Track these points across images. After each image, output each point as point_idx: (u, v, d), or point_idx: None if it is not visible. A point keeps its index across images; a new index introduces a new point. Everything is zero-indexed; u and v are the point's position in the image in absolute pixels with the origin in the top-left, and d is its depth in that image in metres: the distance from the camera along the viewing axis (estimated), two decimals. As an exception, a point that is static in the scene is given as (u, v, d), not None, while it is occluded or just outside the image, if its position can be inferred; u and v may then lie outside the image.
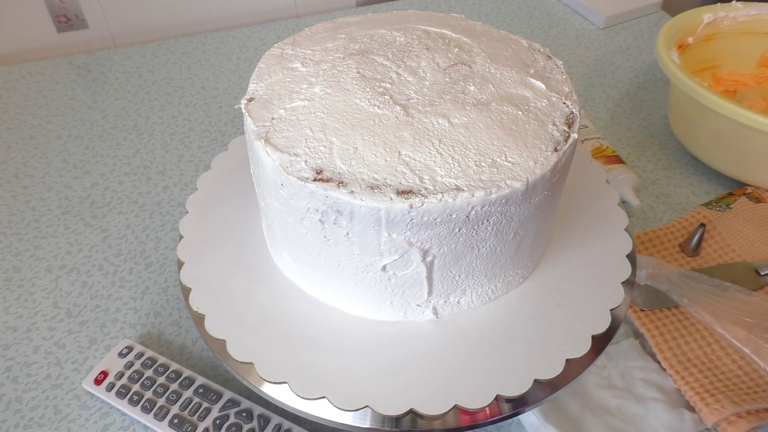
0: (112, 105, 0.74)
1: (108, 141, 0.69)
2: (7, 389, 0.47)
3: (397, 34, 0.44)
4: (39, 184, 0.64)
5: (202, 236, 0.44)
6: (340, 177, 0.33)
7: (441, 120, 0.36)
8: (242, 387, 0.45)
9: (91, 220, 0.60)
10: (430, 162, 0.34)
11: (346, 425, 0.36)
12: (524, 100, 0.39)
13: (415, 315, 0.39)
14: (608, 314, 0.39)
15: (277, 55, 0.43)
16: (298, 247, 0.38)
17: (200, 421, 0.42)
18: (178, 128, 0.71)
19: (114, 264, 0.56)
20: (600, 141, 0.65)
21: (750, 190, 0.62)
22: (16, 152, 0.68)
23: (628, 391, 0.46)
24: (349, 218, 0.33)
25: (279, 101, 0.39)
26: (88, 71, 0.79)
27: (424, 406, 0.35)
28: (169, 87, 0.77)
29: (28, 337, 0.50)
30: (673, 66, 0.60)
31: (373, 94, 0.38)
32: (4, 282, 0.54)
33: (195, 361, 0.49)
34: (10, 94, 0.75)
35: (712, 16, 0.69)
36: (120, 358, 0.46)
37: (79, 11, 0.83)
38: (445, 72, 0.40)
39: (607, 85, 0.78)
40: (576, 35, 0.87)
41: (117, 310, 0.52)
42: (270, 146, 0.35)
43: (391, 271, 0.36)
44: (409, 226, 0.33)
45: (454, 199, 0.32)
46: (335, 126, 0.36)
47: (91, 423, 0.45)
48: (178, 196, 0.63)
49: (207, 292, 0.41)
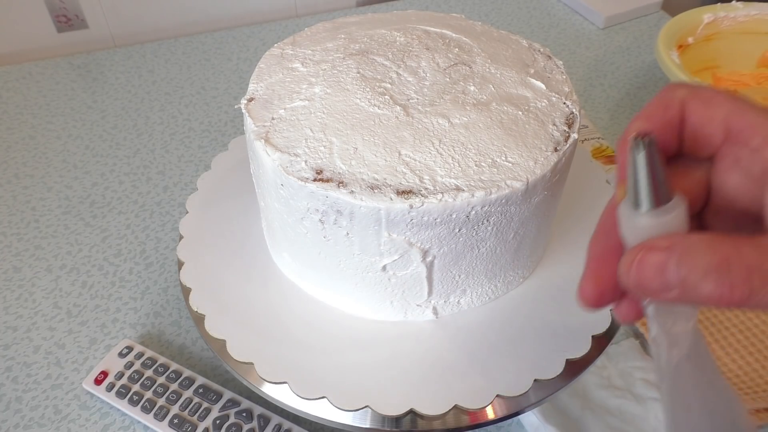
0: (112, 105, 0.74)
1: (108, 141, 0.69)
2: (7, 389, 0.47)
3: (397, 34, 0.44)
4: (39, 184, 0.64)
5: (202, 236, 0.44)
6: (340, 177, 0.33)
7: (441, 120, 0.36)
8: (242, 387, 0.45)
9: (91, 220, 0.60)
10: (430, 162, 0.34)
11: (346, 425, 0.36)
12: (524, 100, 0.39)
13: (415, 315, 0.39)
14: (608, 314, 0.39)
15: (277, 55, 0.43)
16: (298, 247, 0.38)
17: (200, 421, 0.42)
18: (178, 128, 0.71)
19: (114, 264, 0.56)
20: (600, 141, 0.65)
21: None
22: (16, 152, 0.68)
23: (628, 391, 0.46)
24: (349, 218, 0.33)
25: (279, 101, 0.39)
26: (88, 71, 0.79)
27: (424, 406, 0.35)
28: (169, 87, 0.77)
29: (28, 337, 0.50)
30: (673, 66, 0.60)
31: (373, 94, 0.38)
32: (4, 282, 0.54)
33: (195, 361, 0.49)
34: (10, 94, 0.75)
35: (712, 16, 0.69)
36: (120, 358, 0.46)
37: (79, 11, 0.83)
38: (445, 72, 0.40)
39: (607, 85, 0.78)
40: (576, 35, 0.87)
41: (117, 310, 0.52)
42: (270, 146, 0.35)
43: (391, 271, 0.36)
44: (409, 226, 0.33)
45: (454, 199, 0.32)
46: (335, 126, 0.36)
47: (91, 423, 0.45)
48: (178, 196, 0.63)
49: (207, 292, 0.41)
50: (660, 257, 0.20)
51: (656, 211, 0.21)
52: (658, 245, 0.20)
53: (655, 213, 0.21)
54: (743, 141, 0.22)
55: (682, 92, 0.23)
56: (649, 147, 0.21)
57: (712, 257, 0.19)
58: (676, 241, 0.20)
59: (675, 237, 0.20)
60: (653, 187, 0.21)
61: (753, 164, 0.22)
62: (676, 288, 0.20)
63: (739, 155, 0.22)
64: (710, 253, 0.19)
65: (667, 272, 0.20)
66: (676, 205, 0.21)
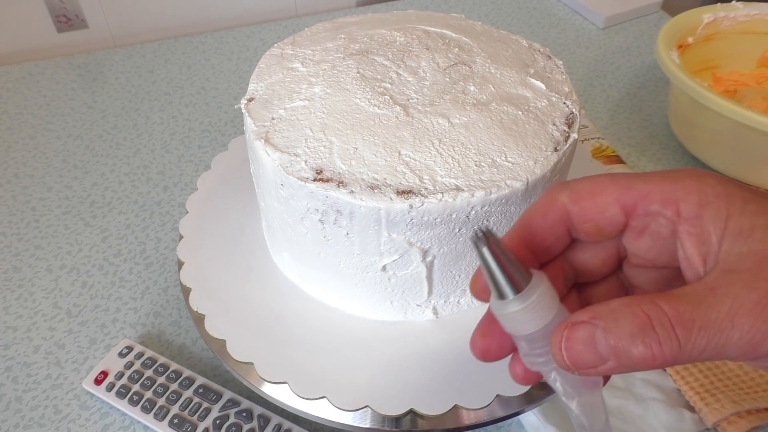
0: (112, 105, 0.74)
1: (108, 141, 0.69)
2: (7, 389, 0.47)
3: (397, 34, 0.44)
4: (39, 184, 0.64)
5: (202, 236, 0.44)
6: (340, 177, 0.33)
7: (441, 120, 0.36)
8: (242, 387, 0.45)
9: (91, 220, 0.60)
10: (430, 162, 0.34)
11: (346, 425, 0.36)
12: (524, 100, 0.39)
13: (415, 315, 0.39)
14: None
15: (277, 55, 0.43)
16: (298, 247, 0.38)
17: (200, 421, 0.42)
18: (178, 128, 0.71)
19: (114, 264, 0.56)
20: (600, 141, 0.65)
21: (750, 190, 0.61)
22: (16, 152, 0.68)
23: (628, 391, 0.46)
24: (349, 218, 0.33)
25: (279, 101, 0.39)
26: (88, 71, 0.79)
27: (424, 406, 0.35)
28: (169, 87, 0.77)
29: (28, 337, 0.50)
30: (673, 66, 0.60)
31: (373, 94, 0.38)
32: (4, 282, 0.54)
33: (195, 361, 0.49)
34: (10, 94, 0.75)
35: (712, 16, 0.68)
36: (120, 358, 0.46)
37: (79, 11, 0.83)
38: (445, 72, 0.40)
39: (607, 85, 0.78)
40: (576, 35, 0.87)
41: (117, 310, 0.52)
42: (270, 146, 0.35)
43: (391, 271, 0.36)
44: (409, 226, 0.33)
45: (454, 199, 0.32)
46: (335, 126, 0.36)
47: (91, 423, 0.45)
48: (178, 196, 0.63)
49: (207, 292, 0.41)
50: (585, 331, 0.20)
51: (521, 296, 0.21)
52: (580, 319, 0.21)
53: (520, 298, 0.21)
54: (643, 212, 0.22)
55: (563, 197, 0.23)
56: (488, 239, 0.21)
57: (634, 319, 0.19)
58: (597, 312, 0.20)
59: (596, 308, 0.21)
60: (508, 275, 0.21)
61: (659, 227, 0.22)
62: (610, 358, 0.20)
63: (644, 223, 0.23)
64: (632, 316, 0.20)
65: (597, 344, 0.20)
66: (537, 283, 0.21)
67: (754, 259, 0.20)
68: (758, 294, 0.19)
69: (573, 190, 0.23)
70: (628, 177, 0.23)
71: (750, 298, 0.19)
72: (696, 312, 0.19)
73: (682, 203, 0.21)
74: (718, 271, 0.20)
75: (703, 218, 0.21)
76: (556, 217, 0.23)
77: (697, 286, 0.20)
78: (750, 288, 0.19)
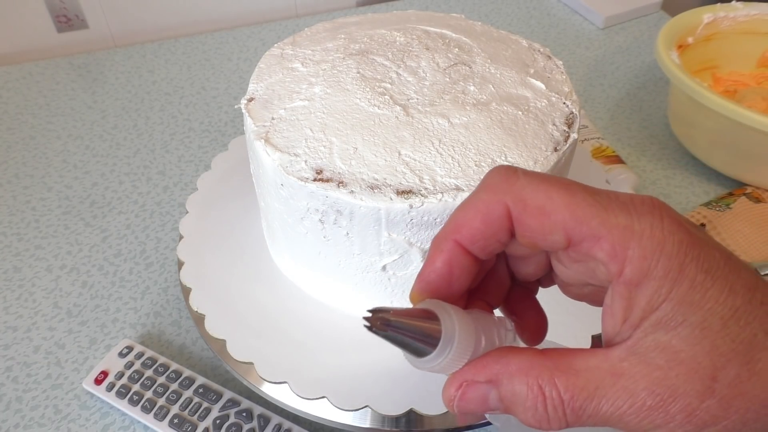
0: (112, 105, 0.74)
1: (108, 141, 0.69)
2: (7, 389, 0.47)
3: (397, 34, 0.44)
4: (39, 184, 0.64)
5: (202, 236, 0.44)
6: (340, 177, 0.33)
7: (441, 120, 0.36)
8: (242, 387, 0.45)
9: (91, 220, 0.60)
10: (430, 162, 0.34)
11: (346, 425, 0.36)
12: (524, 100, 0.39)
13: (415, 315, 0.39)
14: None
15: (277, 55, 0.43)
16: (298, 247, 0.38)
17: (200, 421, 0.42)
18: (178, 128, 0.71)
19: (114, 264, 0.56)
20: (600, 141, 0.65)
21: (750, 190, 0.62)
22: (16, 152, 0.68)
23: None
24: (349, 218, 0.33)
25: (279, 101, 0.39)
26: (88, 71, 0.79)
27: (424, 406, 0.35)
28: (169, 87, 0.77)
29: (28, 337, 0.50)
30: (673, 66, 0.60)
31: (373, 94, 0.38)
32: (4, 282, 0.54)
33: (195, 361, 0.49)
34: (10, 94, 0.75)
35: (712, 16, 0.68)
36: (120, 358, 0.46)
37: (79, 11, 0.83)
38: (445, 72, 0.40)
39: (607, 85, 0.78)
40: (576, 35, 0.87)
41: (117, 310, 0.52)
42: (270, 146, 0.35)
43: (391, 271, 0.36)
44: (409, 226, 0.33)
45: (453, 199, 0.32)
46: (335, 126, 0.36)
47: (91, 423, 0.45)
48: (178, 196, 0.63)
49: (207, 292, 0.41)
50: (480, 392, 0.21)
51: (437, 353, 0.21)
52: (476, 379, 0.21)
53: (437, 354, 0.21)
54: (585, 252, 0.21)
55: (509, 202, 0.21)
56: (382, 321, 0.21)
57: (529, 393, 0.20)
58: (494, 374, 0.21)
59: (493, 368, 0.21)
60: (417, 340, 0.21)
61: (597, 269, 0.21)
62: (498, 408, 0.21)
63: (583, 258, 0.21)
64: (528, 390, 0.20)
65: (489, 403, 0.21)
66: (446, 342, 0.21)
67: (667, 358, 0.19)
68: (654, 400, 0.19)
69: (520, 199, 0.21)
70: (585, 203, 0.20)
71: (645, 402, 0.19)
72: (589, 402, 0.20)
73: (629, 266, 0.20)
74: (629, 350, 0.20)
75: (641, 289, 0.20)
76: (498, 225, 0.22)
77: (602, 363, 0.20)
78: (649, 392, 0.19)
